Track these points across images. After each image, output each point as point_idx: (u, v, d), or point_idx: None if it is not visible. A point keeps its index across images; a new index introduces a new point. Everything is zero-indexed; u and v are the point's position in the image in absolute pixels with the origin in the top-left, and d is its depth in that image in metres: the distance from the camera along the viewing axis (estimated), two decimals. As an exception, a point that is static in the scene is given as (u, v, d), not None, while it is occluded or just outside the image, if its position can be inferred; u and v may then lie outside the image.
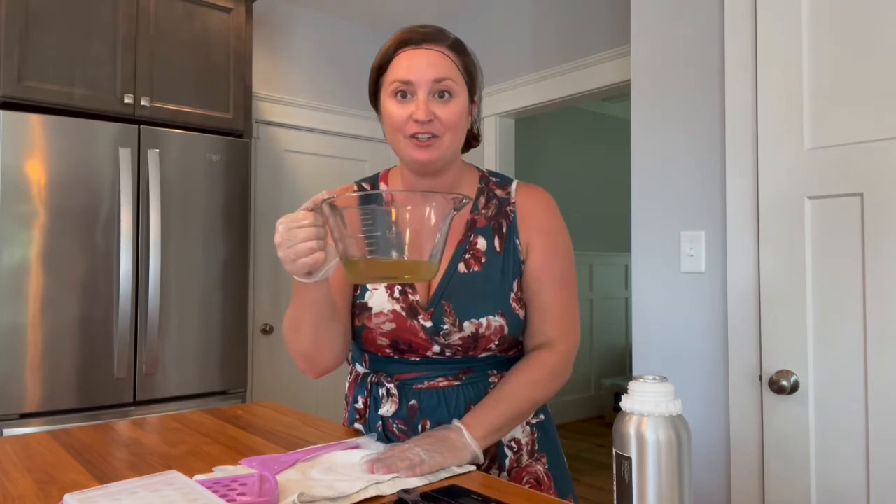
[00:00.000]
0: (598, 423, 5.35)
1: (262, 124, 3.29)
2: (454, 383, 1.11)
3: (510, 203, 1.15)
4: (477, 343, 1.09)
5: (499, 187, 1.18)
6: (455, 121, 1.05)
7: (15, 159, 2.17)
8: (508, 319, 1.09)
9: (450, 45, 1.06)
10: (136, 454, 1.06)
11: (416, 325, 1.08)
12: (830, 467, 1.46)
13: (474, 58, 1.12)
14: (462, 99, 1.06)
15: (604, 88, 2.80)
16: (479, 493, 0.86)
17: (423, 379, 1.11)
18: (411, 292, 1.10)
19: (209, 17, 2.66)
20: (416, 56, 1.03)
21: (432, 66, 1.03)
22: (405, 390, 1.12)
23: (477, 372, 1.12)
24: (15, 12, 2.22)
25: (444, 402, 1.10)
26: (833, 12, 1.48)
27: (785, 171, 1.54)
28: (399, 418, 1.11)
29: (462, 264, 1.11)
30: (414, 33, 1.05)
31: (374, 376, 1.14)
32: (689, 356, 1.78)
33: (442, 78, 1.03)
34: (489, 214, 1.15)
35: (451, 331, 1.07)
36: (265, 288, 3.26)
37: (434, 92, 1.03)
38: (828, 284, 1.47)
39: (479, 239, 1.13)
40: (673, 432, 0.66)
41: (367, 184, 1.22)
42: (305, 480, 0.90)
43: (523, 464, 1.13)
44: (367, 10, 3.48)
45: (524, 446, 1.14)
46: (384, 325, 1.09)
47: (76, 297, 2.26)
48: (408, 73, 1.03)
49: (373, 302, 1.10)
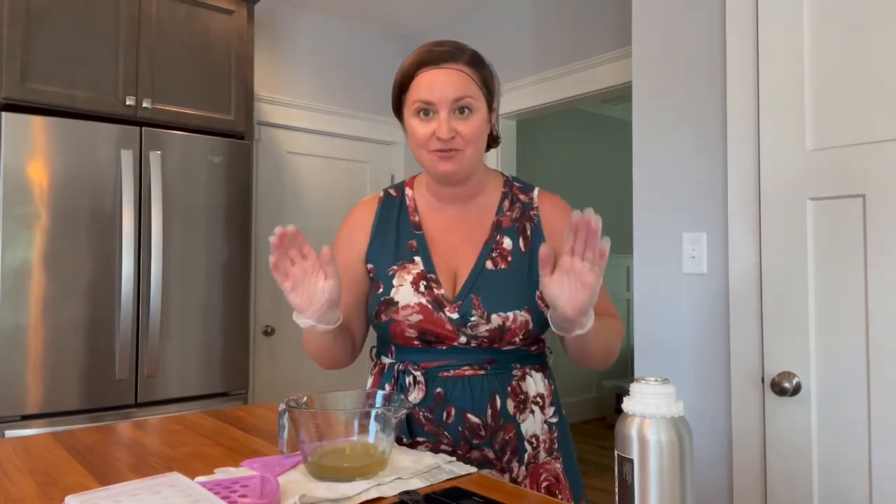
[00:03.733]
0: (599, 425, 5.35)
1: (264, 126, 3.29)
2: (479, 372, 1.14)
3: (533, 208, 1.21)
4: (503, 336, 1.12)
5: (522, 192, 1.24)
6: (475, 134, 1.11)
7: (17, 161, 2.17)
8: (534, 315, 1.13)
9: (467, 62, 1.12)
10: (137, 456, 1.06)
11: (443, 317, 1.12)
12: (832, 469, 1.45)
13: (491, 68, 1.17)
14: (481, 112, 1.12)
15: (605, 90, 2.80)
16: (481, 494, 0.86)
17: (448, 367, 1.14)
18: (436, 287, 1.14)
19: (211, 19, 2.66)
20: (435, 76, 1.10)
21: (451, 85, 1.09)
22: (431, 378, 1.14)
23: (501, 363, 1.15)
24: (17, 14, 2.22)
25: (470, 391, 1.13)
26: (835, 13, 1.47)
27: (787, 173, 1.54)
28: (425, 406, 1.14)
29: (489, 262, 1.16)
30: (433, 53, 1.11)
31: (402, 364, 1.17)
32: (691, 358, 1.78)
33: (461, 96, 1.09)
34: (514, 217, 1.20)
35: (478, 322, 1.11)
36: (266, 289, 3.26)
37: (454, 109, 1.10)
38: (830, 286, 1.47)
39: (505, 239, 1.18)
40: (675, 434, 0.66)
41: (393, 191, 1.27)
42: (307, 482, 0.89)
43: (541, 460, 1.16)
44: (369, 13, 3.48)
45: (542, 443, 1.16)
46: (412, 317, 1.13)
47: (78, 298, 2.26)
48: (429, 93, 1.09)
49: (399, 297, 1.14)
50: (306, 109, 3.42)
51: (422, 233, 1.20)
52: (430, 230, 1.21)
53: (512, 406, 1.14)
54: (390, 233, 1.21)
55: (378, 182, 3.68)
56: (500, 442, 1.13)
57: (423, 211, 1.23)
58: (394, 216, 1.23)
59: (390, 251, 1.19)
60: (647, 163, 1.91)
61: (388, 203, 1.25)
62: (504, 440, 1.13)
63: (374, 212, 1.25)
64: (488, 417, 1.13)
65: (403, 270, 1.16)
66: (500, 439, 1.13)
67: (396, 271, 1.17)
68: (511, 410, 1.14)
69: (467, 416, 1.12)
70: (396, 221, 1.22)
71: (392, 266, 1.18)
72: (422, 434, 1.14)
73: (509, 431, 1.14)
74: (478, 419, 1.12)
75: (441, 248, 1.19)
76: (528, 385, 1.17)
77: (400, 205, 1.24)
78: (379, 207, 1.25)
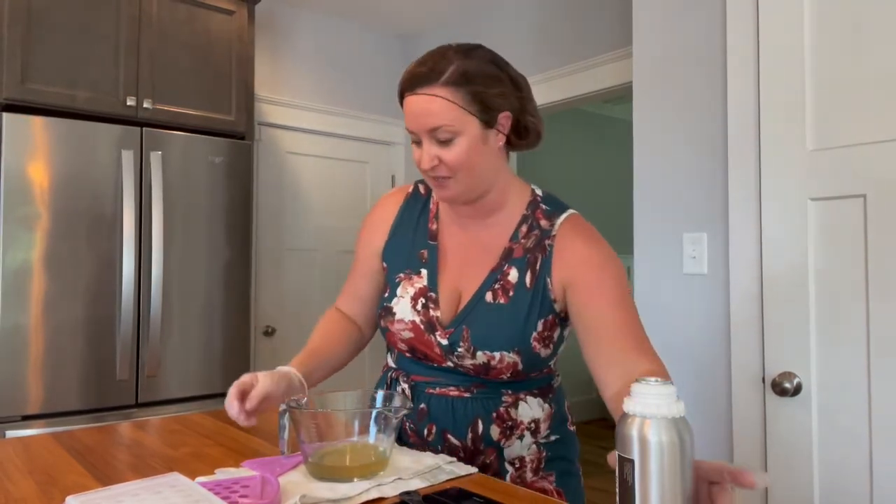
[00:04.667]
0: (600, 426, 5.35)
1: (265, 126, 3.29)
2: (465, 395, 1.11)
3: (550, 237, 1.10)
4: (488, 372, 1.09)
5: (545, 217, 1.13)
6: (461, 161, 1.02)
7: (18, 161, 2.17)
8: (524, 357, 1.07)
9: (446, 82, 1.00)
10: (137, 456, 1.06)
11: (433, 340, 1.10)
12: (833, 470, 1.45)
13: (491, 76, 1.03)
14: (467, 135, 1.01)
15: (605, 90, 2.80)
16: (482, 495, 0.86)
17: (435, 385, 1.12)
18: (433, 308, 1.11)
19: (211, 20, 2.66)
20: (412, 104, 1.02)
21: (425, 114, 1.01)
22: (418, 392, 1.14)
23: (490, 388, 1.11)
24: (17, 14, 2.22)
25: (453, 412, 1.11)
26: (835, 13, 1.47)
27: (787, 173, 1.54)
28: (410, 419, 1.14)
29: (490, 293, 1.09)
30: (412, 77, 1.02)
31: (395, 373, 1.18)
32: (692, 358, 1.78)
33: (436, 126, 1.00)
34: (528, 246, 1.11)
35: (464, 355, 1.08)
36: (267, 290, 3.26)
37: (434, 138, 1.02)
38: (830, 286, 1.47)
39: (512, 270, 1.10)
40: (675, 434, 0.66)
41: (423, 187, 1.24)
42: (307, 482, 0.89)
43: (527, 480, 1.13)
44: (370, 13, 3.48)
45: (528, 463, 1.13)
46: (403, 333, 1.12)
47: (79, 298, 2.26)
48: (410, 123, 1.04)
49: (397, 308, 1.13)
50: (307, 110, 3.42)
51: (436, 244, 1.16)
52: (444, 242, 1.16)
53: (497, 432, 1.10)
54: (407, 235, 1.18)
55: (378, 182, 3.68)
56: (479, 464, 1.10)
57: (442, 219, 1.18)
58: (414, 217, 1.19)
59: (403, 255, 1.17)
60: (647, 163, 1.90)
61: (414, 200, 1.22)
62: (484, 463, 1.11)
63: (398, 208, 1.22)
64: (468, 441, 1.10)
65: (408, 281, 1.14)
66: (480, 462, 1.11)
67: (402, 280, 1.15)
68: (495, 436, 1.10)
69: (448, 436, 1.11)
70: (416, 224, 1.19)
71: (399, 273, 1.16)
72: (408, 445, 1.14)
73: (490, 455, 1.11)
74: (458, 441, 1.10)
75: (451, 263, 1.14)
76: (520, 411, 1.11)
77: (424, 206, 1.20)
78: (404, 203, 1.22)
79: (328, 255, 3.45)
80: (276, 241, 3.31)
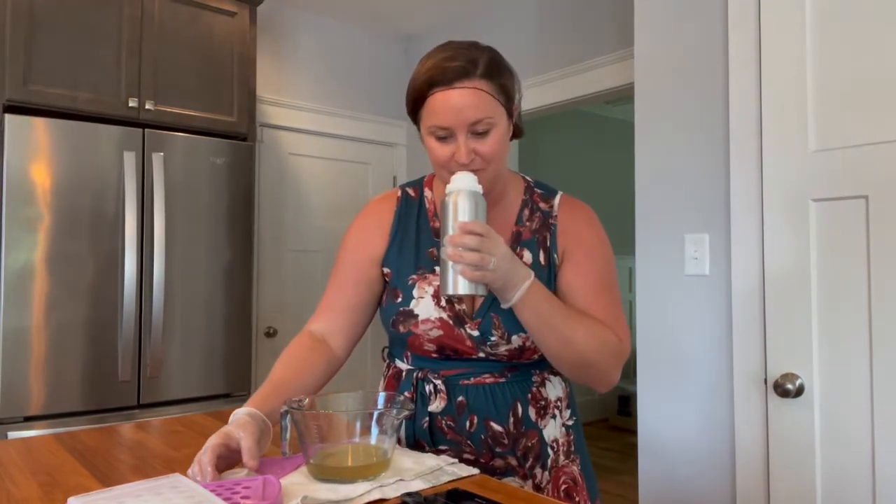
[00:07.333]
0: (602, 426, 5.34)
1: (266, 128, 3.29)
2: (500, 380, 1.12)
3: (553, 216, 1.16)
4: (522, 354, 1.11)
5: (542, 200, 1.18)
6: (495, 152, 1.04)
7: (20, 163, 2.18)
8: None
9: (482, 75, 1.01)
10: (139, 457, 1.06)
11: (463, 334, 1.10)
12: (836, 471, 1.45)
13: (507, 68, 1.07)
14: (501, 125, 1.04)
15: (607, 91, 2.80)
16: (483, 496, 0.86)
17: (469, 375, 1.12)
18: (457, 301, 1.11)
19: (213, 21, 2.67)
20: (449, 99, 1.00)
21: (467, 108, 1.00)
22: (451, 386, 1.12)
23: (521, 370, 1.14)
24: (20, 17, 2.23)
25: (492, 398, 1.12)
26: (837, 14, 1.47)
27: (789, 174, 1.54)
28: (448, 415, 1.12)
29: None
30: (445, 71, 1.01)
31: (420, 372, 1.15)
32: (694, 359, 1.78)
33: (478, 119, 1.01)
34: (533, 227, 1.15)
35: (498, 342, 1.09)
36: (269, 291, 3.26)
37: (472, 131, 1.02)
38: (833, 287, 1.47)
39: (525, 252, 1.13)
40: (474, 191, 0.98)
41: (411, 190, 1.22)
42: (309, 483, 0.89)
43: (560, 464, 1.15)
44: (371, 14, 3.49)
45: (561, 446, 1.16)
46: (431, 332, 1.11)
47: (81, 300, 2.27)
48: (444, 119, 1.01)
49: (419, 309, 1.11)
50: (308, 111, 3.42)
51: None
52: None
53: (533, 413, 1.13)
54: (410, 237, 1.17)
55: (380, 183, 3.68)
56: (522, 449, 1.12)
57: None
58: (413, 219, 1.18)
59: (411, 257, 1.15)
60: (648, 164, 1.90)
61: (407, 204, 1.20)
62: (526, 447, 1.12)
63: (393, 212, 1.19)
64: (511, 425, 1.12)
65: (424, 281, 1.12)
66: (523, 446, 1.12)
67: (416, 281, 1.13)
68: (533, 417, 1.13)
69: (490, 424, 1.11)
70: (416, 225, 1.17)
71: (412, 275, 1.14)
72: (444, 442, 1.12)
73: (531, 438, 1.13)
74: (500, 427, 1.11)
75: None
76: (547, 390, 1.16)
77: (419, 207, 1.19)
78: (398, 208, 1.19)
79: (330, 256, 3.45)
80: (278, 242, 3.31)
